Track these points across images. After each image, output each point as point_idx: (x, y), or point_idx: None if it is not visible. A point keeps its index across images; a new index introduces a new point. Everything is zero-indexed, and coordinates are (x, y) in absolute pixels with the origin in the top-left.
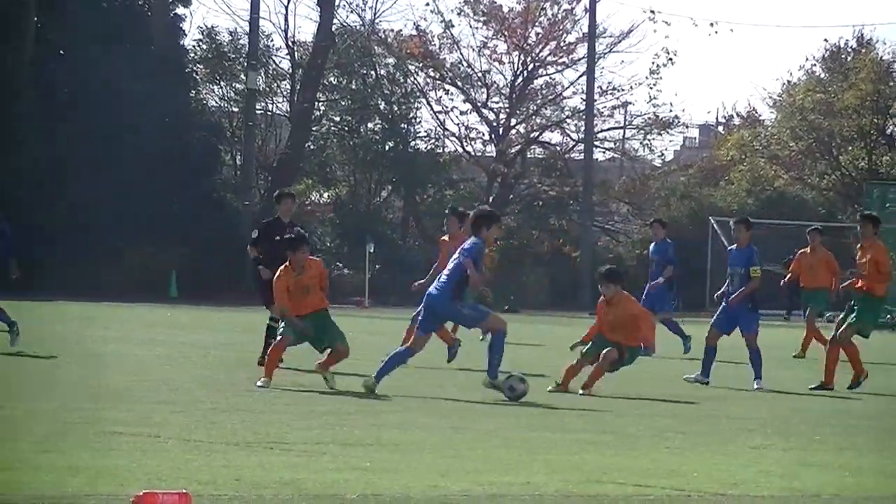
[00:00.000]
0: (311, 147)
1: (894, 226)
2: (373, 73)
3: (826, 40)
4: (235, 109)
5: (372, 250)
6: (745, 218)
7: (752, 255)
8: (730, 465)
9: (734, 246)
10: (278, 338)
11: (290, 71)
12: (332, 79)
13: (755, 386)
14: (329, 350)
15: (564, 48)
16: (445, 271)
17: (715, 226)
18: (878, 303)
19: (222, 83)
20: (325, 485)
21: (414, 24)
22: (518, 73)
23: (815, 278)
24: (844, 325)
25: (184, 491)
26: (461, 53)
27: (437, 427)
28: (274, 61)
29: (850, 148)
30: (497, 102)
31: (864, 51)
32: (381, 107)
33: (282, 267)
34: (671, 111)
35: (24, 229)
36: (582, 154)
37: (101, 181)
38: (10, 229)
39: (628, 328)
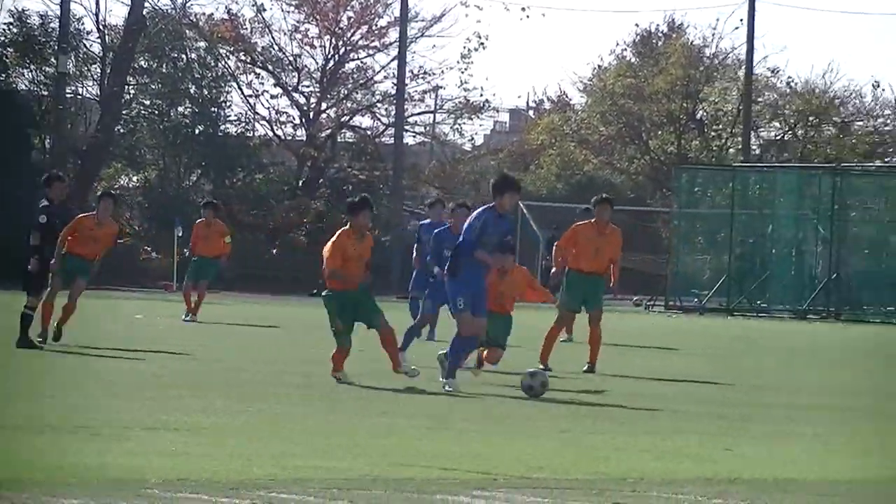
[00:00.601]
0: (121, 131)
1: (704, 210)
2: (184, 56)
3: (637, 25)
4: (45, 93)
5: (180, 234)
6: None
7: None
8: (537, 448)
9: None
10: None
11: (101, 54)
12: (142, 62)
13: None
14: (384, 342)
15: (376, 32)
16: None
17: (525, 211)
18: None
19: (32, 67)
20: (130, 469)
21: (226, 7)
22: (329, 57)
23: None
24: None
25: None
26: (272, 37)
27: (241, 412)
28: (85, 45)
29: (660, 132)
30: (308, 86)
31: (674, 36)
32: (192, 91)
33: (343, 230)
34: (482, 95)
35: None
36: (392, 138)
37: None
38: None
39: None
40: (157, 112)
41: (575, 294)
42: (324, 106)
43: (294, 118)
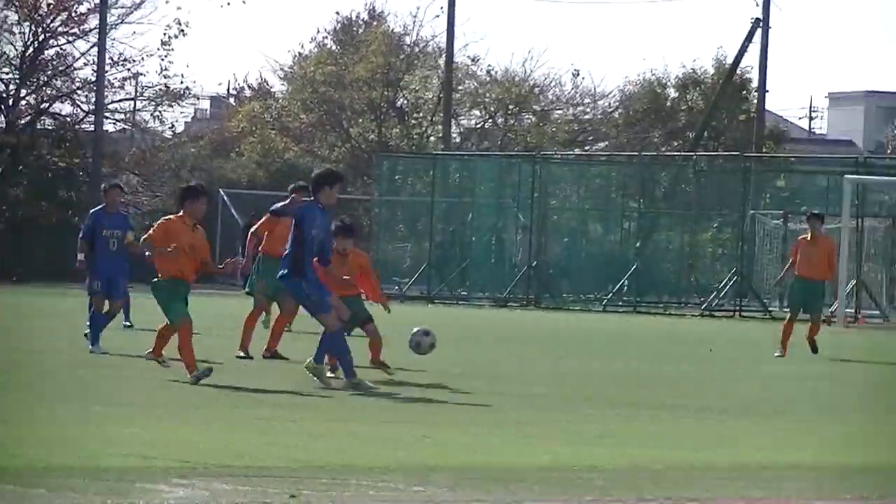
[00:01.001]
0: None
1: (404, 198)
2: None
3: (338, 13)
4: None
5: None
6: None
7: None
8: (237, 437)
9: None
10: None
11: None
12: None
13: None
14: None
15: (76, 19)
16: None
17: (225, 198)
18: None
19: None
20: None
21: None
22: (29, 43)
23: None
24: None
25: None
26: None
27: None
28: None
29: (361, 120)
30: (7, 73)
31: (375, 24)
32: None
33: (176, 214)
34: (182, 83)
35: None
36: (92, 125)
37: None
38: None
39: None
40: None
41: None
42: (23, 93)
43: None
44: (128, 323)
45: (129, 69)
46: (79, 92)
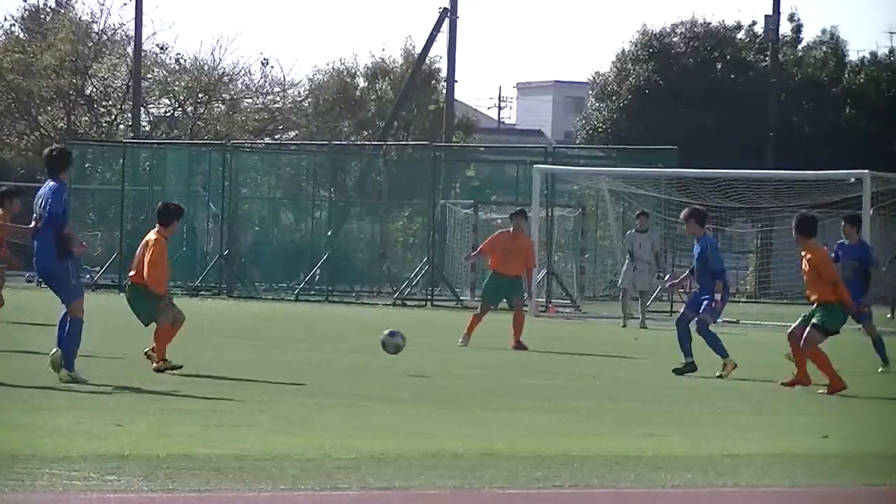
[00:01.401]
0: None
1: (95, 186)
2: None
3: (25, 0)
4: None
5: None
6: None
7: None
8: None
9: None
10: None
11: None
12: None
13: None
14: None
15: None
16: None
17: None
18: None
19: None
20: None
21: None
22: None
23: None
24: None
25: None
26: None
27: None
28: None
29: (49, 108)
30: None
31: (62, 11)
32: None
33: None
34: None
35: None
36: None
37: None
38: None
39: None
40: None
41: None
42: None
43: None
44: None
45: None
46: None
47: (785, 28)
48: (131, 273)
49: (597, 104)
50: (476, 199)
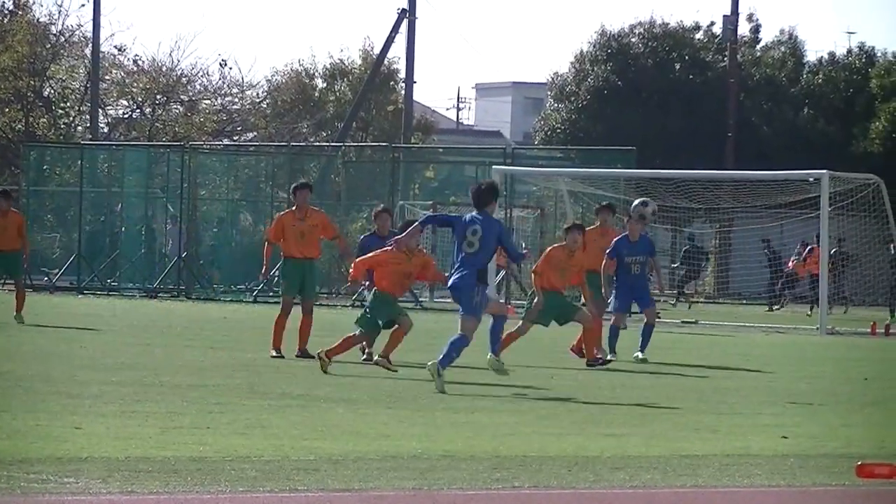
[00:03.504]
0: None
1: (53, 188)
2: None
3: None
4: None
5: None
6: None
7: None
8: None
9: None
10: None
11: None
12: None
13: None
14: None
15: None
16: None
17: None
18: None
19: None
20: None
21: None
22: None
23: None
24: None
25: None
26: None
27: None
28: None
29: (7, 110)
30: None
31: (20, 13)
32: None
33: None
34: None
35: None
36: None
37: None
38: None
39: None
40: None
41: None
42: None
43: None
44: None
45: None
46: None
47: (743, 28)
48: None
49: (555, 105)
50: (435, 200)
